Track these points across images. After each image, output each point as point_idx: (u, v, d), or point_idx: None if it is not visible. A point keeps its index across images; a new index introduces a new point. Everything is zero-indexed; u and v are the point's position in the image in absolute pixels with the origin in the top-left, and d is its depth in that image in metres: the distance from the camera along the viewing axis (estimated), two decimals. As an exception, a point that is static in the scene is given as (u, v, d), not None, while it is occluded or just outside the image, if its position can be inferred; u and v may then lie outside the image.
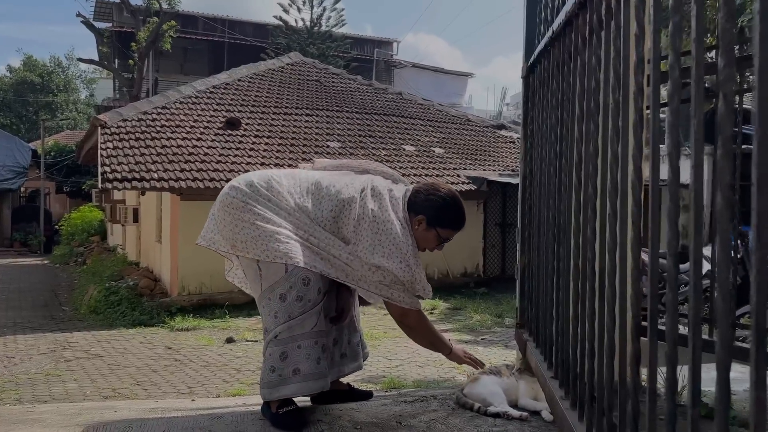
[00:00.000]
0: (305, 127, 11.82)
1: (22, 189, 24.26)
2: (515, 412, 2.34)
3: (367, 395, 2.78)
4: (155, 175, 8.99)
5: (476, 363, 2.54)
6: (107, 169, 8.99)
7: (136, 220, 12.98)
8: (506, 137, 13.74)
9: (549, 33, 1.90)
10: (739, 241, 6.64)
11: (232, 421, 2.44)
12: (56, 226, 21.30)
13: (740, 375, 3.33)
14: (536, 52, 2.20)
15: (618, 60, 1.28)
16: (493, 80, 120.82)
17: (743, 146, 2.36)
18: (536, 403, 2.45)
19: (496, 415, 2.35)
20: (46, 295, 11.49)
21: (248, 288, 2.60)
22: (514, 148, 13.24)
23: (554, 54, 1.93)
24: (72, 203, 24.62)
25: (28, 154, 22.63)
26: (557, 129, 1.92)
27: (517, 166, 12.01)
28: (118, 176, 8.85)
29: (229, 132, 10.87)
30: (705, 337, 2.30)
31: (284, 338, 2.26)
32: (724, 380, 0.78)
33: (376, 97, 14.20)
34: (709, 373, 1.02)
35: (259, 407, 2.48)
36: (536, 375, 2.18)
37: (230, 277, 2.68)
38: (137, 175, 8.95)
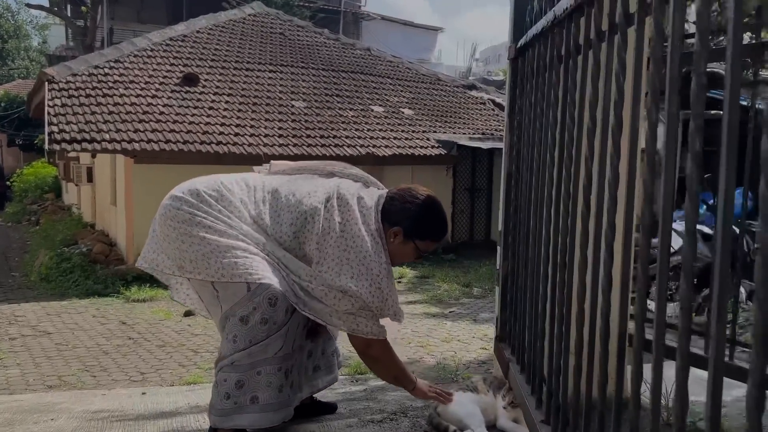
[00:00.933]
0: (268, 85, 11.27)
1: (-30, 142, 23.06)
2: (495, 439, 2.11)
3: (331, 408, 2.53)
4: (107, 136, 8.44)
5: (443, 397, 2.27)
6: (55, 128, 8.40)
7: (90, 179, 12.34)
8: (477, 98, 13.39)
9: (550, 16, 1.58)
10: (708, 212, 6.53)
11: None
12: (8, 182, 20.33)
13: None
14: (530, 34, 1.88)
15: (657, 74, 0.97)
16: (462, 35, 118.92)
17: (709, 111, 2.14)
18: (516, 426, 2.22)
19: (474, 442, 2.11)
20: (-6, 259, 10.93)
21: (205, 311, 2.29)
22: (484, 109, 12.92)
23: (555, 41, 1.61)
24: (25, 157, 23.50)
25: (-25, 105, 21.39)
26: (556, 131, 1.61)
27: (487, 129, 11.73)
28: (67, 137, 8.28)
29: (187, 89, 10.28)
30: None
31: (242, 365, 1.97)
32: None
33: (344, 52, 13.64)
34: None
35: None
36: (521, 407, 1.93)
37: (179, 297, 2.32)
38: (87, 136, 8.38)
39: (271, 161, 2.29)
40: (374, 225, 2.01)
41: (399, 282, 8.45)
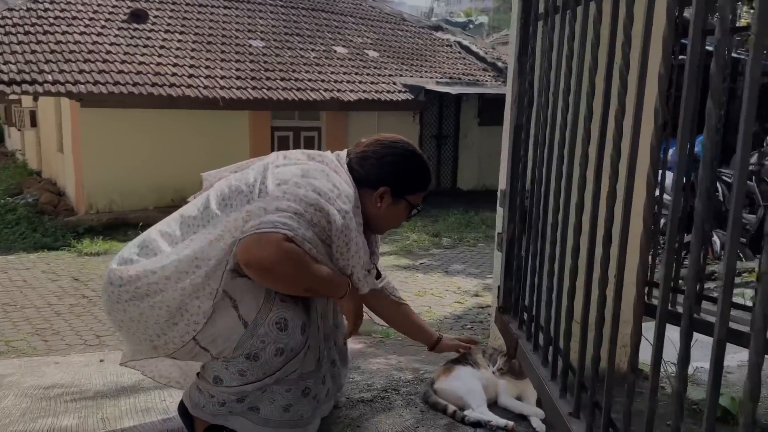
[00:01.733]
0: (223, 22, 10.60)
1: None
2: (500, 420, 1.90)
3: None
4: (49, 77, 7.79)
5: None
6: (-9, 68, 7.71)
7: (33, 124, 11.57)
8: (443, 40, 12.94)
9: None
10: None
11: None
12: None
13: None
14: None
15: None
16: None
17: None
18: (521, 404, 2.03)
19: (477, 424, 1.91)
20: (-68, 210, 10.21)
21: (183, 382, 1.96)
22: (451, 52, 12.51)
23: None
24: (-39, 99, 22.03)
25: None
26: (596, 77, 1.35)
27: (454, 73, 11.36)
28: (5, 78, 7.61)
29: (135, 26, 9.57)
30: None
31: (248, 391, 1.66)
32: None
33: (304, -12, 12.92)
34: None
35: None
36: (539, 393, 1.73)
37: (149, 371, 1.99)
38: (28, 77, 7.72)
39: (202, 175, 1.89)
40: (352, 190, 1.67)
41: (366, 231, 8.22)
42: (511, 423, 1.90)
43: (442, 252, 7.25)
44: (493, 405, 2.04)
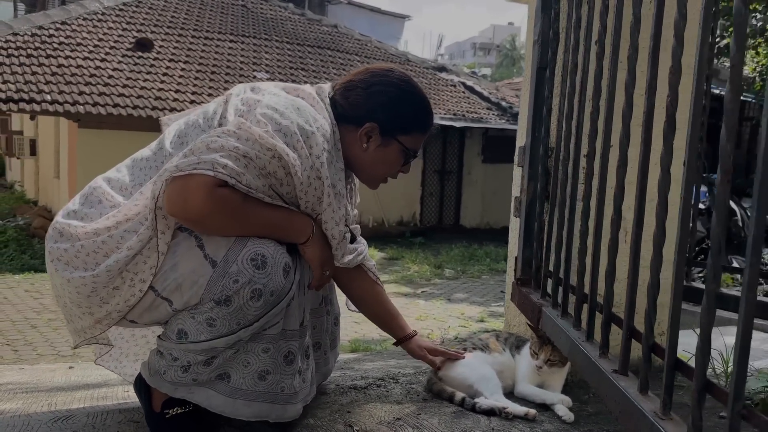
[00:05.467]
0: (229, 54, 10.59)
1: None
2: (519, 408, 1.60)
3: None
4: (48, 97, 7.67)
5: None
6: (-11, 87, 7.60)
7: (33, 152, 11.47)
8: (447, 80, 12.94)
9: None
10: (706, 190, 6.19)
11: (85, 423, 1.57)
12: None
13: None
14: None
15: None
16: (424, 29, 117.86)
17: None
18: (543, 392, 1.72)
19: (490, 412, 1.60)
20: None
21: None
22: (455, 91, 12.48)
23: None
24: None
25: None
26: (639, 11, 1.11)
27: (458, 111, 11.28)
28: (2, 96, 7.48)
29: (140, 54, 9.53)
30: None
31: (218, 348, 1.34)
32: None
33: (310, 28, 13.03)
34: None
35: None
36: (572, 358, 1.43)
37: (106, 362, 1.70)
38: (26, 96, 7.60)
39: (161, 119, 1.63)
40: (329, 126, 1.42)
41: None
42: (532, 411, 1.59)
43: (444, 282, 6.94)
44: (509, 395, 1.74)
